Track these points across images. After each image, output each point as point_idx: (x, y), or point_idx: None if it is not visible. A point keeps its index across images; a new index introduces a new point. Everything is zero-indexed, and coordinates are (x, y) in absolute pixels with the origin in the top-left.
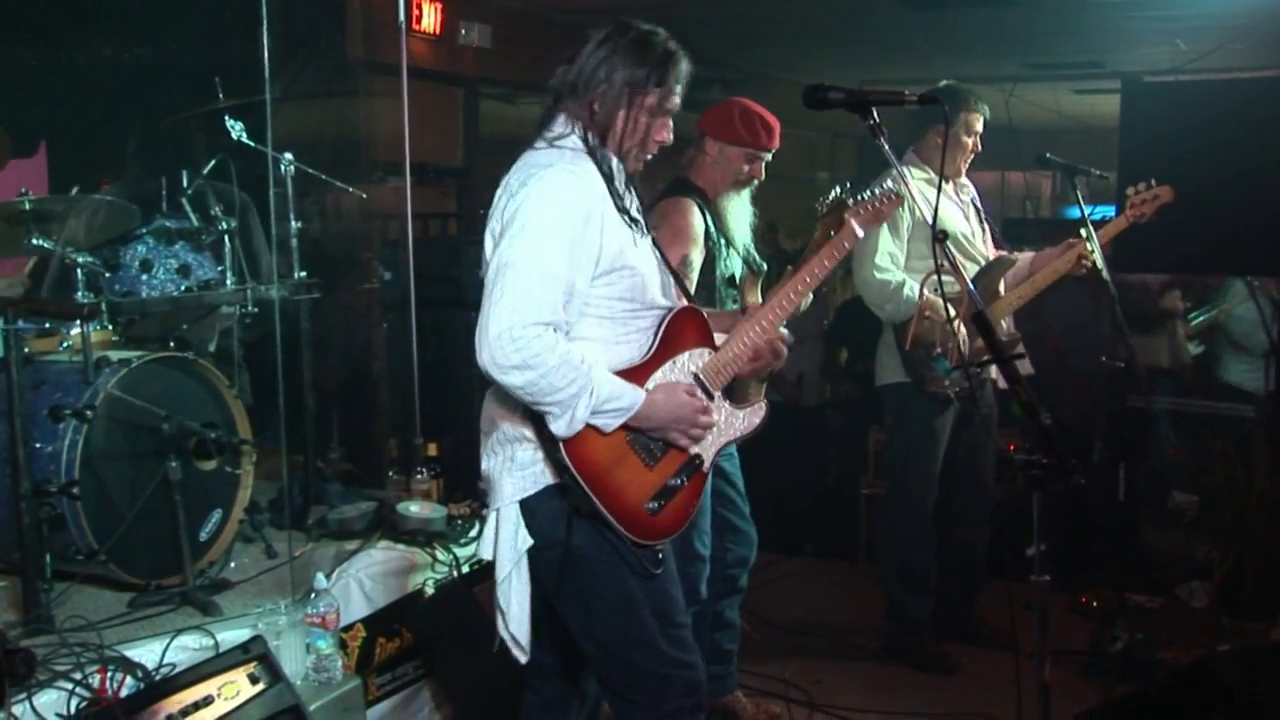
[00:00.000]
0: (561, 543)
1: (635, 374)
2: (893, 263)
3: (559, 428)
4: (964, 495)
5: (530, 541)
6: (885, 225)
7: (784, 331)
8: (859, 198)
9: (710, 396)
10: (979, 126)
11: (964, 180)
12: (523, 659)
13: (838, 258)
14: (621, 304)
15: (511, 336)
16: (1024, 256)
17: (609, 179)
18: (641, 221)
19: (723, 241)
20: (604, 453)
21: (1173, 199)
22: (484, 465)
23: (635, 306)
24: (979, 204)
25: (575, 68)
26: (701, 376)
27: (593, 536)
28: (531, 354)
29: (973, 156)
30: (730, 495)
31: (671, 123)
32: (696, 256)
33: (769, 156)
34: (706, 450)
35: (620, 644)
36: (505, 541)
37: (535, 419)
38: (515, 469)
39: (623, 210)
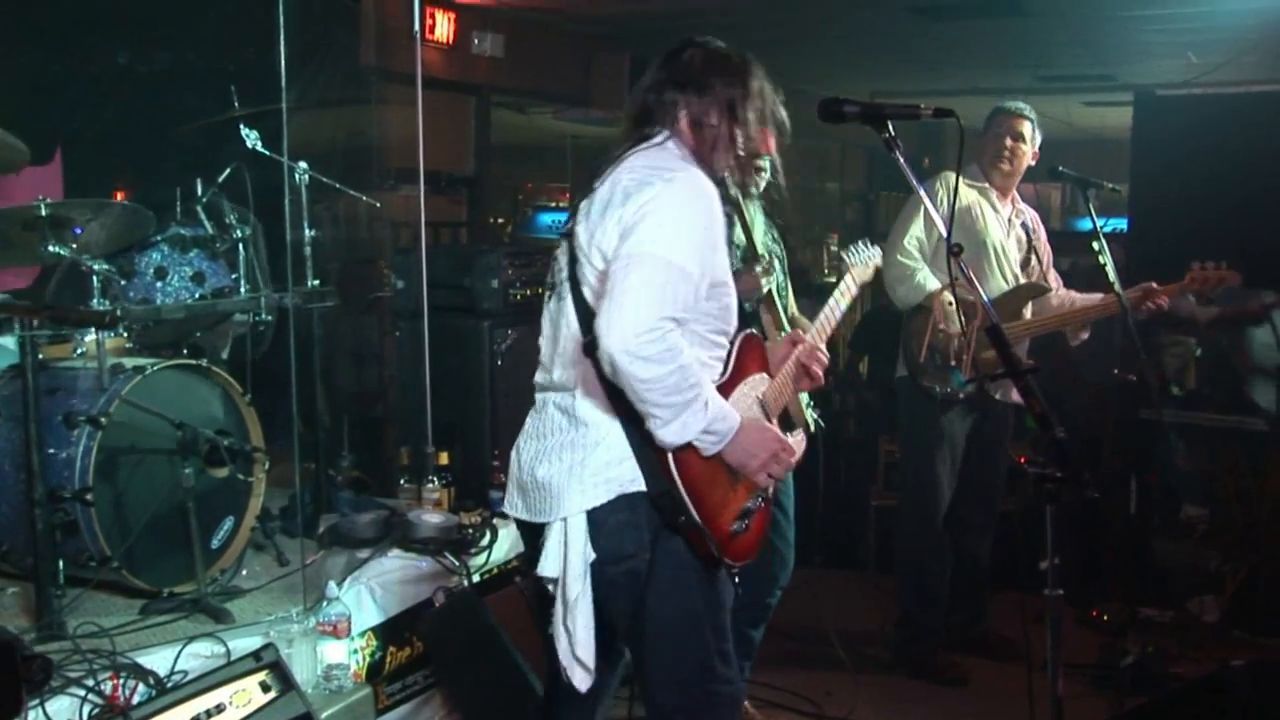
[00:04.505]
0: (629, 556)
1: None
2: (918, 249)
3: (669, 433)
4: (969, 504)
5: (594, 556)
6: (921, 213)
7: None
8: (850, 253)
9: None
10: (1025, 129)
11: (1023, 206)
12: (586, 684)
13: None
14: (714, 322)
15: (649, 326)
16: (1064, 294)
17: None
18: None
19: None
20: (706, 469)
21: (1239, 283)
22: (541, 472)
23: (722, 328)
24: (1033, 230)
25: (661, 86)
26: (764, 403)
27: (669, 552)
28: (666, 347)
29: (1026, 166)
30: (777, 518)
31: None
32: None
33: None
34: (769, 484)
35: (678, 662)
36: (576, 557)
37: (629, 424)
38: (587, 475)
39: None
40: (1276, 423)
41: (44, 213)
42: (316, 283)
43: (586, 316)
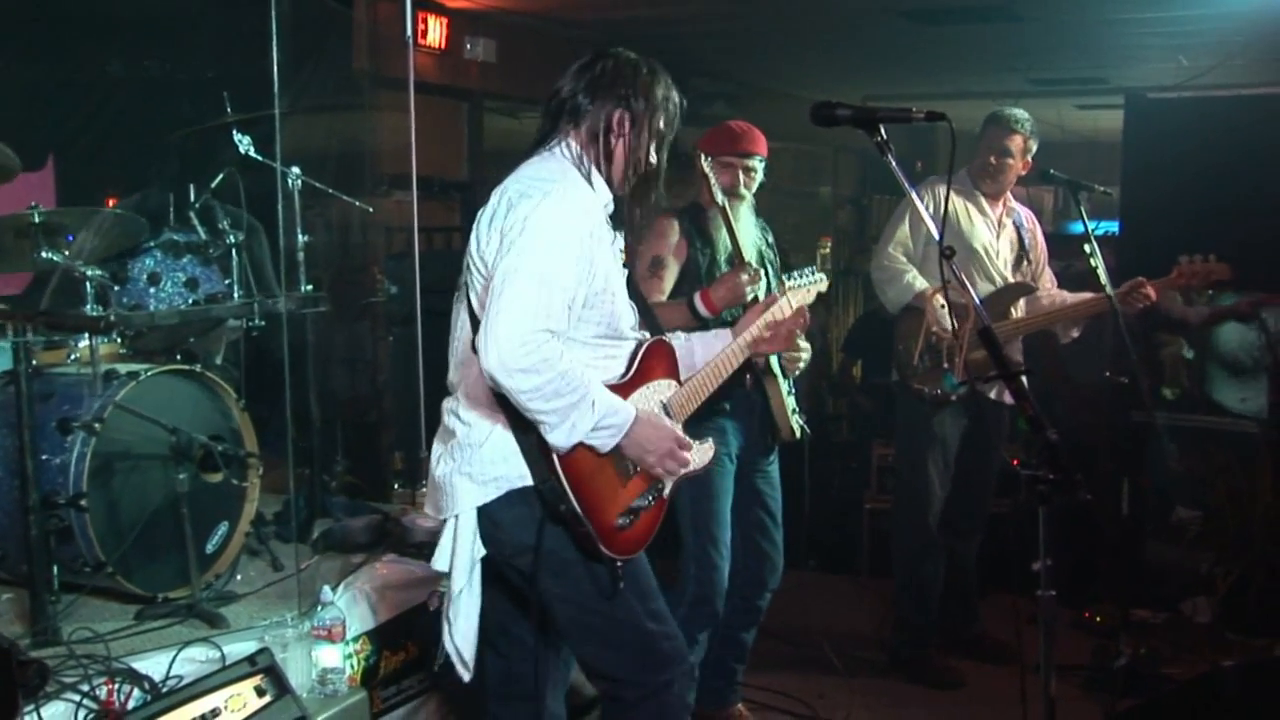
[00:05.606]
0: (533, 548)
1: (615, 392)
2: (904, 253)
3: (558, 436)
4: (961, 505)
5: (484, 551)
6: (909, 216)
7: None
8: (792, 277)
9: None
10: (1015, 145)
11: (1014, 205)
12: (466, 676)
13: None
14: (596, 328)
15: (521, 340)
16: (1055, 294)
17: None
18: (620, 250)
19: (709, 251)
20: (591, 462)
21: (1229, 277)
22: (438, 470)
23: (606, 334)
24: (1026, 228)
25: (572, 93)
26: (669, 407)
27: (564, 539)
28: (540, 358)
29: (1017, 176)
30: (764, 522)
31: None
32: (670, 260)
33: (749, 163)
34: (668, 479)
35: (607, 628)
36: (463, 552)
37: (513, 421)
38: (475, 473)
39: (611, 237)
40: (1268, 425)
41: (37, 220)
42: (309, 288)
43: (474, 318)
